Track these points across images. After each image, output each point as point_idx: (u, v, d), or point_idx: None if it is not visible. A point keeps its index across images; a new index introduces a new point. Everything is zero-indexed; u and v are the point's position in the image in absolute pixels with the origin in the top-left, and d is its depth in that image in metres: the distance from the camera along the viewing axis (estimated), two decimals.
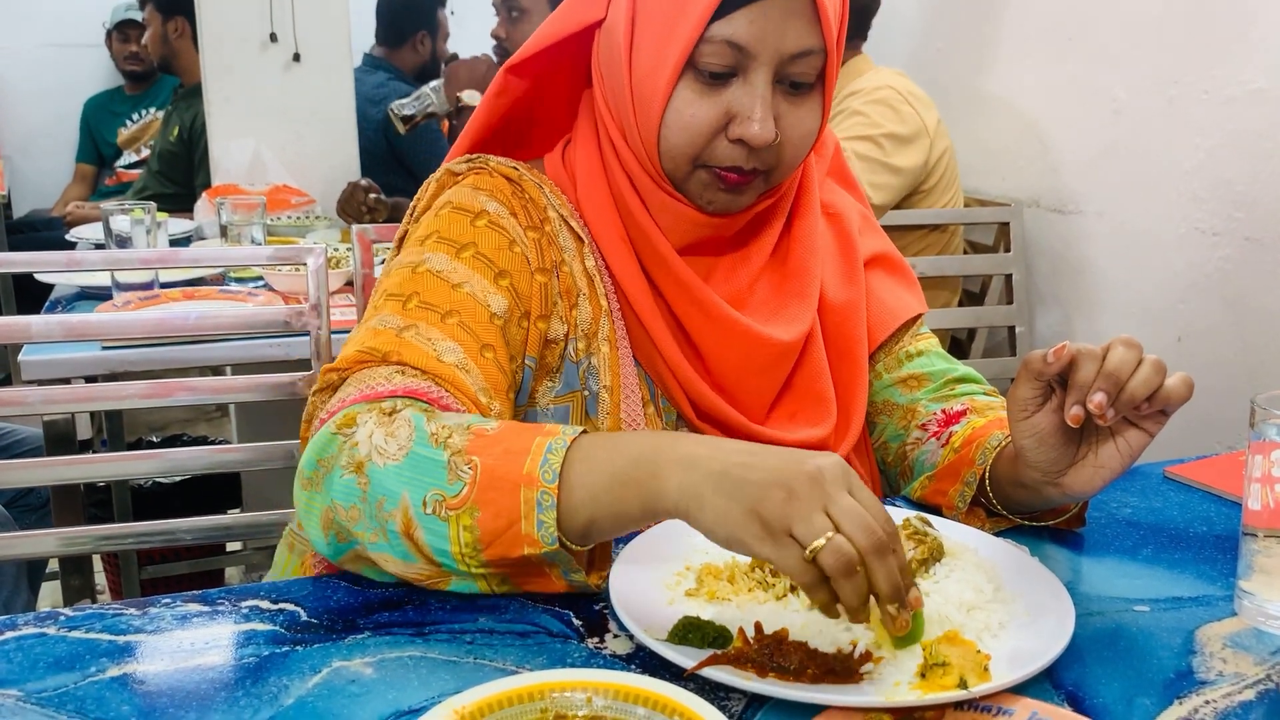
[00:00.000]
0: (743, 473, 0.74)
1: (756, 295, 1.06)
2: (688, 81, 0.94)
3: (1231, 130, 2.00)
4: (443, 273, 0.97)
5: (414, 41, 3.47)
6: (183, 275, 2.08)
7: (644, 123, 0.97)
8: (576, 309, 1.02)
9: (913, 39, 2.79)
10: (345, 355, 0.93)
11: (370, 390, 0.88)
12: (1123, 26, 2.20)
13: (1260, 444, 0.86)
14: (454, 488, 0.80)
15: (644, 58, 0.95)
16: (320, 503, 0.85)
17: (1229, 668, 0.80)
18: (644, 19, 0.96)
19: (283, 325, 1.51)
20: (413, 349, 0.91)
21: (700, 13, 0.91)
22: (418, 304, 0.95)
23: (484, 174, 1.03)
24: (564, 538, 0.79)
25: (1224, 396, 2.03)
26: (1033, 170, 2.47)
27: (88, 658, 0.79)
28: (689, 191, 0.99)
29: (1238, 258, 2.02)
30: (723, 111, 0.94)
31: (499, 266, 0.98)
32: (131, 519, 2.48)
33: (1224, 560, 0.96)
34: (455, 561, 0.81)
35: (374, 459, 0.82)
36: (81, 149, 4.46)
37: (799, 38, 0.93)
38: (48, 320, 1.44)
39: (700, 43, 0.92)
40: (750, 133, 0.93)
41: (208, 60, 2.82)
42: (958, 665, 0.73)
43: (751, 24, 0.91)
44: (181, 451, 1.56)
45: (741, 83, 0.94)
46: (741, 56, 0.93)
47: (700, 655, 0.75)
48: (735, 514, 0.73)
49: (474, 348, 0.94)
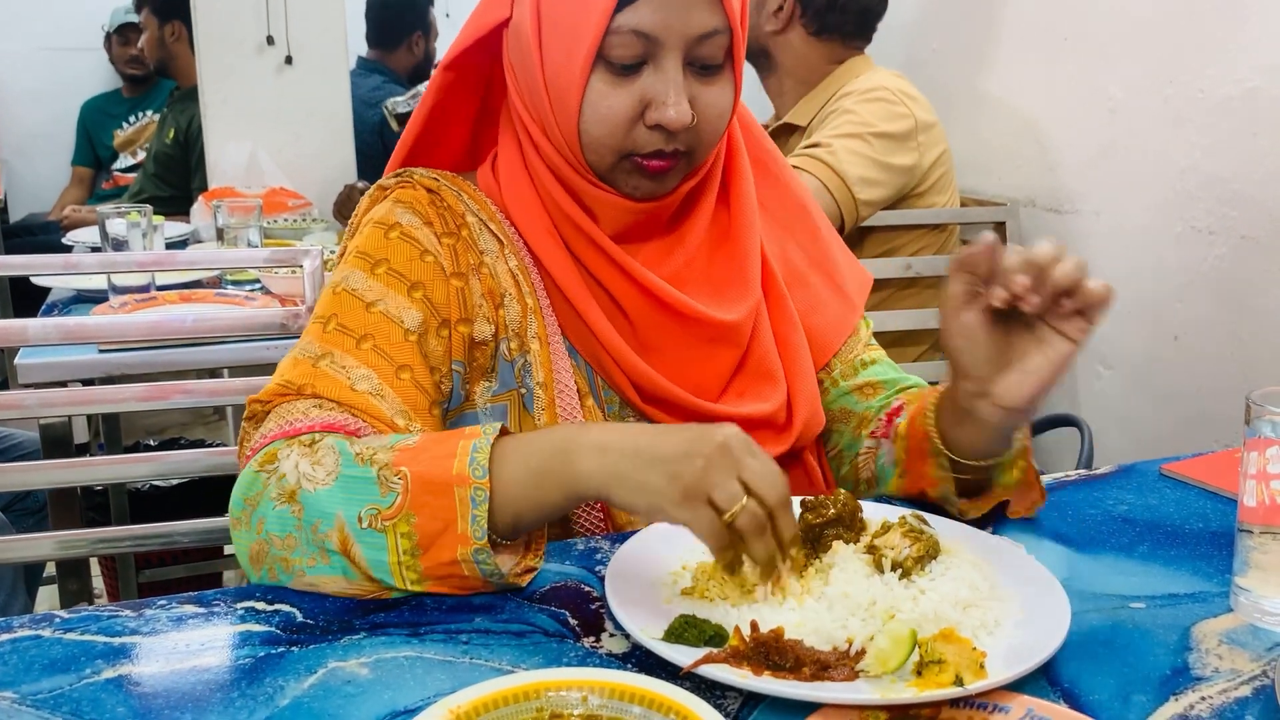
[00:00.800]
0: (655, 449, 0.81)
1: (695, 273, 1.07)
2: (600, 74, 0.95)
3: (1226, 129, 2.01)
4: (358, 291, 0.99)
5: (409, 43, 3.47)
6: (179, 278, 2.08)
7: (562, 118, 0.98)
8: (503, 309, 1.04)
9: (909, 39, 2.79)
10: (268, 387, 0.96)
11: (289, 426, 0.92)
12: (1118, 26, 2.21)
13: (1255, 440, 0.86)
14: (387, 499, 0.84)
15: (554, 54, 0.97)
16: (248, 539, 0.88)
17: (1225, 664, 0.80)
18: (549, 15, 0.97)
19: (280, 328, 1.51)
20: (327, 380, 0.94)
21: (604, 5, 0.92)
22: (335, 326, 0.98)
23: (406, 187, 1.06)
24: (494, 534, 0.84)
25: (1220, 394, 2.04)
26: (1029, 169, 2.47)
27: (83, 660, 0.79)
28: (614, 181, 1.01)
29: (1233, 256, 2.02)
30: (638, 99, 0.96)
31: (411, 279, 1.00)
32: (129, 523, 2.47)
33: (1220, 557, 0.96)
34: (392, 575, 0.84)
35: (304, 485, 0.86)
36: (78, 152, 4.45)
37: (703, 19, 0.94)
38: (45, 323, 1.44)
39: (607, 34, 0.93)
40: (667, 117, 0.95)
41: (204, 63, 2.82)
42: (954, 663, 0.73)
43: (655, 12, 0.93)
44: (179, 454, 1.55)
45: (653, 70, 0.95)
46: (650, 44, 0.94)
47: (696, 654, 0.75)
48: (653, 483, 0.80)
49: (389, 371, 0.96)
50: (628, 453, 0.82)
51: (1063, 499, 1.09)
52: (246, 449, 0.95)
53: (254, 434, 0.95)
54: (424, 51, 3.51)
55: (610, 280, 1.03)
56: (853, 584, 0.82)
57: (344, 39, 2.92)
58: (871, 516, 0.93)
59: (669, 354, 1.05)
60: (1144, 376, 2.22)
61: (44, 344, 1.45)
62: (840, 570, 0.84)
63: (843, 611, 0.80)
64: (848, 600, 0.81)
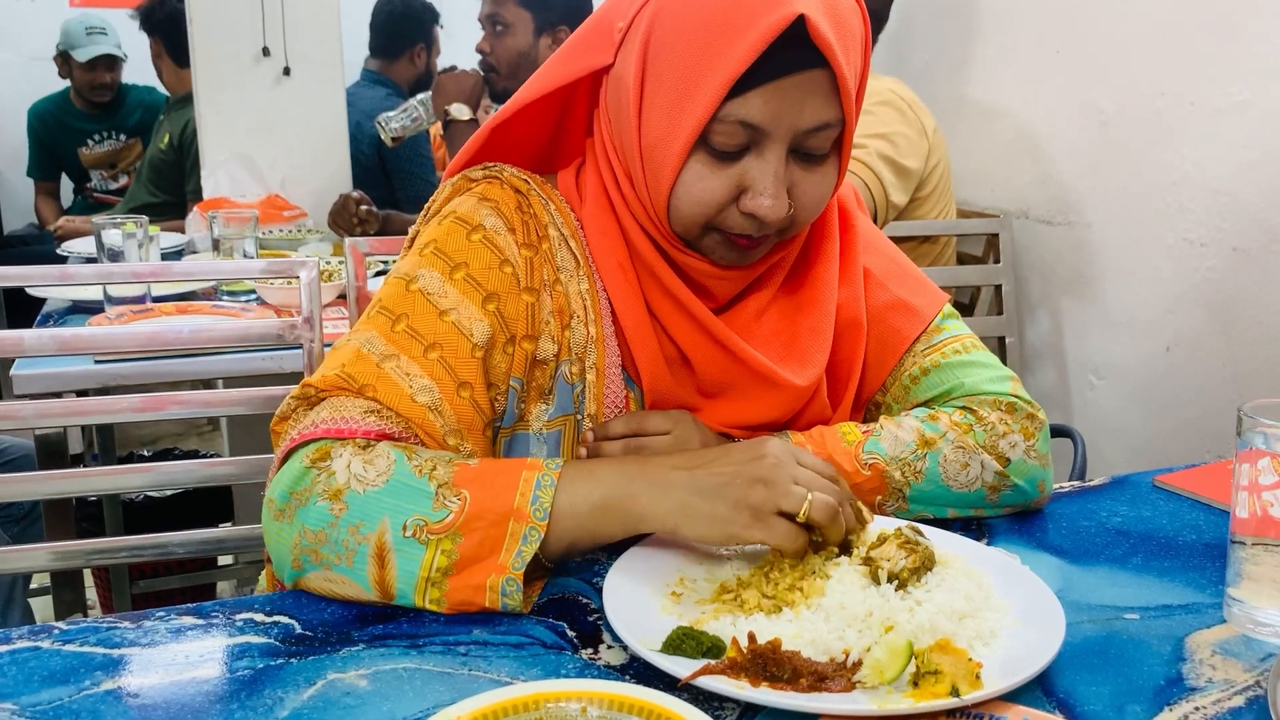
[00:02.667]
0: (714, 479, 0.86)
1: (765, 328, 1.05)
2: (699, 156, 0.93)
3: (1217, 141, 2.02)
4: (433, 295, 0.97)
5: (410, 54, 3.49)
6: (174, 289, 2.08)
7: (654, 188, 0.96)
8: (569, 330, 1.01)
9: (900, 52, 2.81)
10: (326, 376, 0.94)
11: (344, 424, 0.90)
12: (1109, 40, 2.22)
13: (1247, 452, 0.87)
14: (439, 514, 0.85)
15: (654, 125, 0.93)
16: (290, 533, 0.88)
17: (1219, 674, 0.81)
18: (654, 80, 0.93)
19: (276, 338, 1.51)
20: (390, 385, 0.93)
21: (714, 91, 0.89)
22: (405, 329, 0.96)
23: (495, 184, 1.03)
24: (544, 556, 0.87)
25: (1212, 406, 2.05)
26: (1021, 181, 2.48)
27: (82, 671, 0.79)
28: (699, 248, 0.99)
29: (1224, 267, 2.03)
30: (735, 184, 0.93)
31: (487, 289, 0.98)
32: (123, 533, 2.47)
33: (1213, 568, 0.97)
34: (414, 590, 0.85)
35: (353, 485, 0.86)
36: (37, 165, 4.23)
37: (816, 113, 0.91)
38: (40, 334, 1.44)
39: (713, 120, 0.90)
40: (762, 209, 0.92)
41: (200, 74, 2.82)
42: (950, 673, 0.73)
43: (767, 104, 0.89)
44: (174, 465, 1.56)
45: (755, 157, 0.92)
46: (755, 134, 0.91)
47: (694, 665, 0.76)
48: (721, 513, 0.84)
49: (451, 386, 0.95)
50: (690, 487, 0.86)
51: (1057, 510, 1.10)
52: (288, 429, 0.93)
53: (303, 417, 0.93)
54: (425, 64, 3.52)
55: (677, 327, 1.01)
56: (849, 595, 0.83)
57: (339, 49, 2.93)
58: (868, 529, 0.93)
59: (722, 401, 1.04)
60: (1137, 387, 2.23)
61: (40, 355, 1.45)
62: (837, 582, 0.85)
63: (839, 623, 0.80)
64: (844, 611, 0.81)
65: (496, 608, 0.85)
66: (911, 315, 1.10)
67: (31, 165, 4.30)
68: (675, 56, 0.91)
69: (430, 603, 0.86)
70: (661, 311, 1.02)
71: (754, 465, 0.86)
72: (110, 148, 4.19)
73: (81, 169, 4.23)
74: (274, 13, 2.81)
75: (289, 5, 2.82)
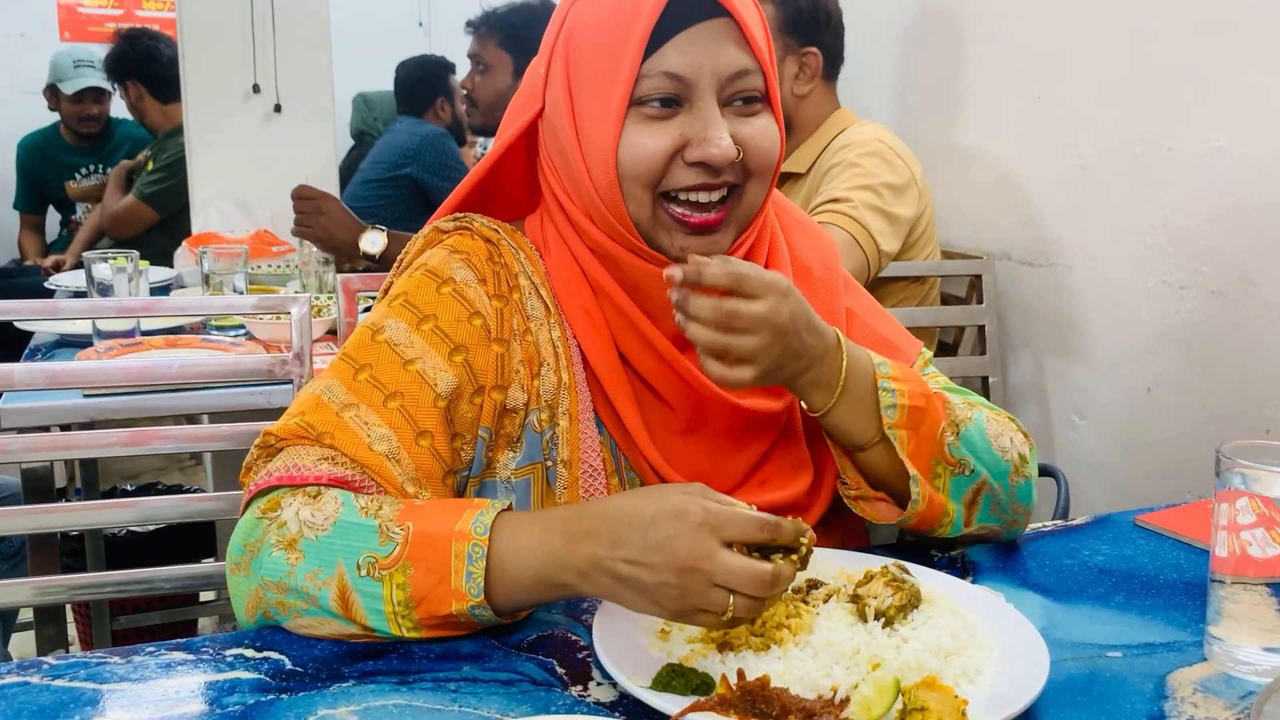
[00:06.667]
0: (633, 577, 0.81)
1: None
2: (634, 117, 0.96)
3: (1194, 186, 2.06)
4: (399, 346, 0.99)
5: (434, 108, 3.68)
6: (163, 323, 2.09)
7: (601, 178, 0.97)
8: (539, 379, 1.02)
9: (886, 95, 2.85)
10: (286, 425, 0.96)
11: (296, 472, 0.92)
12: (1089, 86, 2.27)
13: (1226, 492, 0.89)
14: (386, 548, 0.85)
15: (589, 109, 0.97)
16: (248, 586, 0.89)
17: (1200, 712, 0.82)
18: (579, 83, 0.98)
19: (266, 373, 1.52)
20: (347, 434, 0.94)
21: (634, 52, 0.94)
22: (368, 379, 0.97)
23: (466, 235, 1.05)
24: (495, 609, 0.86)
25: (1191, 446, 2.06)
26: (1004, 224, 2.52)
27: (72, 706, 0.79)
28: (658, 242, 0.99)
29: (1203, 309, 2.06)
30: (675, 136, 0.96)
31: (455, 341, 1.00)
32: (105, 568, 2.45)
33: (1194, 606, 0.98)
34: (388, 623, 0.85)
35: (305, 534, 0.87)
36: (24, 198, 4.26)
37: (732, 59, 0.96)
38: (30, 368, 1.44)
39: (638, 80, 0.95)
40: (709, 153, 0.95)
41: (190, 110, 2.84)
42: (936, 710, 0.74)
43: (683, 53, 0.95)
44: (159, 500, 1.55)
45: (689, 110, 0.96)
46: (681, 86, 0.95)
47: (684, 702, 0.76)
48: (645, 606, 0.82)
49: (409, 435, 0.96)
50: (612, 576, 0.82)
51: (1040, 549, 1.11)
52: (252, 479, 0.95)
53: (262, 467, 0.95)
54: (450, 115, 3.70)
55: (649, 367, 1.02)
56: (837, 633, 0.84)
57: (330, 87, 2.96)
58: (854, 567, 0.94)
59: (703, 437, 1.05)
60: (1118, 427, 2.25)
61: (30, 389, 1.45)
62: (825, 619, 0.85)
63: (827, 660, 0.81)
64: (832, 649, 0.82)
65: (476, 624, 0.87)
66: (896, 352, 1.13)
67: (18, 198, 4.32)
68: (593, 50, 0.97)
69: (409, 632, 0.86)
70: (630, 351, 1.03)
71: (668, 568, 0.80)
72: (98, 181, 4.19)
73: (68, 202, 4.24)
74: (265, 50, 2.84)
75: (280, 42, 2.85)
